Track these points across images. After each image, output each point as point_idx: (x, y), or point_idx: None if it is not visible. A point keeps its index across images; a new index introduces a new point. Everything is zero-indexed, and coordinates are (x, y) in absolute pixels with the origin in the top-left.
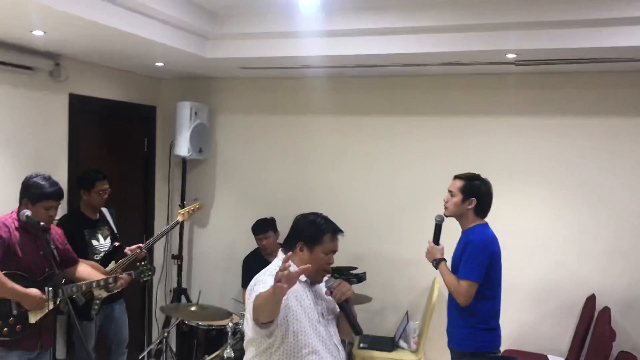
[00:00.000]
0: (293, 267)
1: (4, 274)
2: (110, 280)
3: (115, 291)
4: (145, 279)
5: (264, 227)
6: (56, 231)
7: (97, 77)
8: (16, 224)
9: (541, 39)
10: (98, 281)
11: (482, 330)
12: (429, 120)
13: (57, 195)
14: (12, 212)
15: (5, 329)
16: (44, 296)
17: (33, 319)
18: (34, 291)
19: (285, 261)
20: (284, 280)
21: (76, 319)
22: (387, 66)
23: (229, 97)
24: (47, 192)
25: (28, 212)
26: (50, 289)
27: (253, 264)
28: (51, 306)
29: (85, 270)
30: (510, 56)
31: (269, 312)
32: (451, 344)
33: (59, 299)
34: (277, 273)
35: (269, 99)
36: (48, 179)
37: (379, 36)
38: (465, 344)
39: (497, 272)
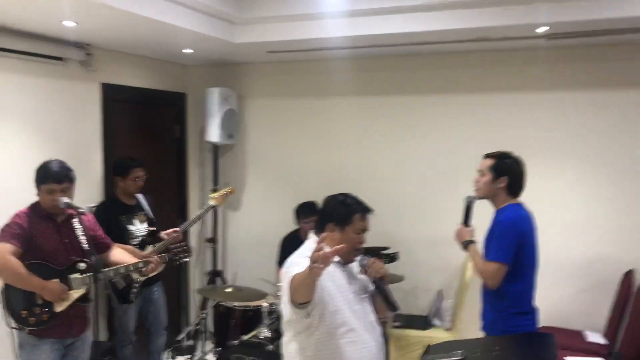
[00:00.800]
0: (327, 248)
1: (27, 264)
2: (141, 264)
3: (152, 274)
4: (181, 261)
5: (311, 210)
6: (88, 217)
7: (128, 66)
8: (39, 212)
9: (572, 11)
10: (127, 265)
11: (513, 314)
12: (458, 98)
13: (57, 177)
14: (35, 203)
15: (32, 318)
16: (64, 287)
17: (59, 308)
18: (53, 284)
19: (319, 242)
20: (320, 261)
21: (116, 302)
22: (413, 44)
23: (257, 82)
24: (48, 174)
25: (66, 199)
26: (77, 276)
27: (290, 245)
28: (78, 295)
29: (119, 254)
30: (540, 30)
31: (305, 293)
32: (484, 328)
33: (86, 287)
34: (312, 254)
35: (296, 83)
36: (58, 163)
37: (405, 14)
38: (496, 328)
39: (529, 253)
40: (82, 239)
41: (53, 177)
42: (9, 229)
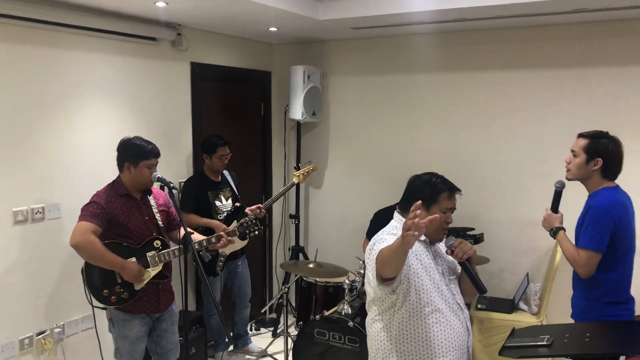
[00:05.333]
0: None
1: (105, 243)
2: (214, 239)
3: (226, 250)
4: (252, 234)
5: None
6: (161, 194)
7: (215, 45)
8: (119, 191)
9: None
10: (200, 241)
11: (606, 303)
12: (551, 74)
13: (156, 152)
14: (113, 182)
15: (113, 297)
16: (141, 267)
17: (138, 286)
18: (132, 263)
19: (414, 210)
20: (414, 229)
21: (203, 274)
22: (504, 17)
23: (340, 59)
24: (147, 151)
25: (159, 174)
26: (154, 253)
27: (383, 220)
28: (155, 272)
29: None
30: None
31: (394, 265)
32: (573, 315)
33: (162, 264)
34: (405, 222)
35: (380, 59)
36: (143, 139)
37: None
38: (586, 317)
39: (625, 239)
40: (158, 216)
41: (153, 152)
42: (89, 208)
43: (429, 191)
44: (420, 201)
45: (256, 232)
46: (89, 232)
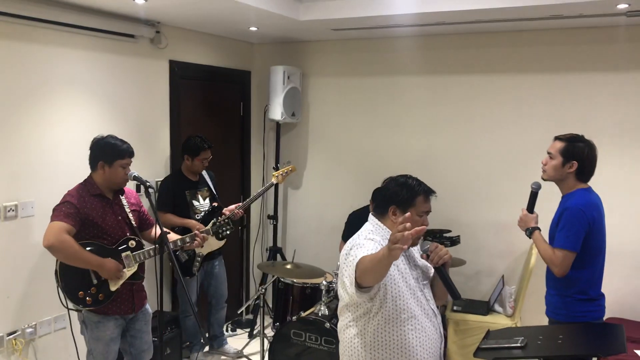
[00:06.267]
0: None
1: (80, 243)
2: (187, 239)
3: (203, 252)
4: (224, 233)
5: None
6: (132, 194)
7: (195, 44)
8: (92, 191)
9: None
10: (175, 241)
11: (579, 300)
12: (528, 79)
13: (131, 152)
14: (84, 181)
15: (88, 298)
16: (119, 264)
17: (113, 287)
18: (110, 261)
19: (403, 222)
20: (402, 241)
21: (179, 274)
22: (483, 22)
23: (320, 60)
24: (122, 150)
25: (135, 173)
26: (129, 253)
27: (357, 221)
28: (130, 272)
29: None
30: (622, 6)
31: (378, 275)
32: (548, 313)
33: (137, 265)
34: (393, 234)
35: (360, 61)
36: (117, 138)
37: None
38: (560, 313)
39: (598, 239)
40: (131, 215)
41: (127, 151)
42: (62, 208)
43: (405, 194)
44: (409, 213)
45: (228, 232)
46: (63, 232)
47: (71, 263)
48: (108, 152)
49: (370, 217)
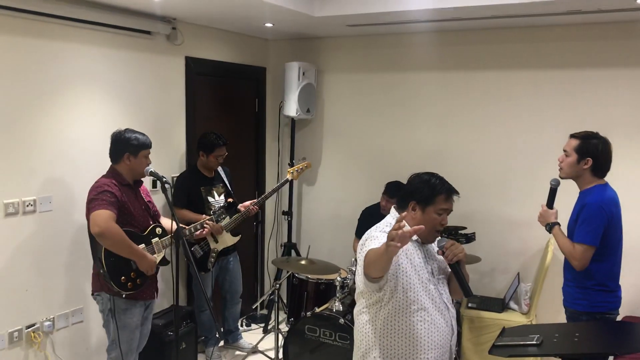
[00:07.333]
0: (406, 227)
1: None
2: (198, 226)
3: (218, 248)
4: (222, 221)
5: (396, 191)
6: (143, 188)
7: (210, 40)
8: (122, 181)
9: None
10: (185, 230)
11: (598, 291)
12: (545, 75)
13: (151, 143)
14: (110, 173)
15: (130, 283)
16: (155, 261)
17: (150, 272)
18: (150, 256)
19: (399, 220)
20: (397, 239)
21: (195, 269)
22: (499, 17)
23: (335, 57)
24: (146, 142)
25: (151, 168)
26: (159, 240)
27: (370, 217)
28: (160, 258)
29: (167, 224)
30: None
31: (380, 268)
32: (566, 303)
33: (165, 250)
34: (390, 232)
35: (375, 57)
36: (135, 131)
37: None
38: (579, 303)
39: (616, 233)
40: (150, 205)
41: (149, 142)
42: (104, 197)
43: (426, 192)
44: (405, 213)
45: (223, 221)
46: (111, 220)
47: (116, 251)
48: (133, 144)
49: (392, 210)
